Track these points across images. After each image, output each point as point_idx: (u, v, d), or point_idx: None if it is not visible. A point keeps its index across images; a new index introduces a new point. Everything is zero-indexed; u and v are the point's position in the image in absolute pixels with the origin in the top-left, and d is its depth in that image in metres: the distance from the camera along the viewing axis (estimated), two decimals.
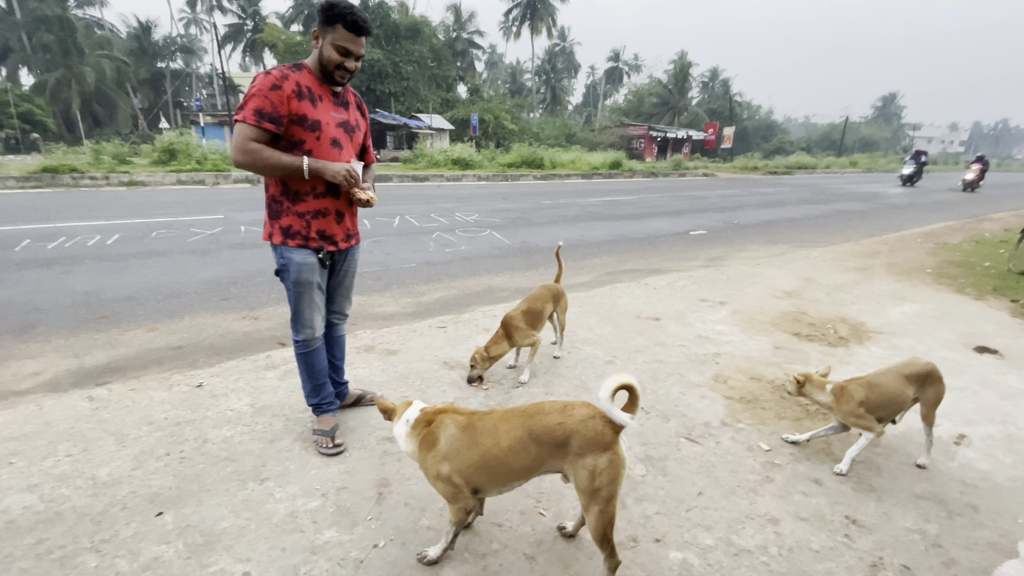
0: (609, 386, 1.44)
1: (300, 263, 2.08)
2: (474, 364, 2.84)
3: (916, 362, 2.34)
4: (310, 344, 2.24)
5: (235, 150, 1.88)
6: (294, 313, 2.18)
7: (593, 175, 19.96)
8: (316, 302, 2.18)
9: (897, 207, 13.59)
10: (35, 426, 2.36)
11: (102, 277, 4.76)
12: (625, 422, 1.46)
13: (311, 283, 2.12)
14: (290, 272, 2.09)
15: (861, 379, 2.31)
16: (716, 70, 53.48)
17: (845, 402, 2.24)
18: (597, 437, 1.47)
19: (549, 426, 1.51)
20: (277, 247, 2.09)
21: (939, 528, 1.95)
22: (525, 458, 1.53)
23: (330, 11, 1.89)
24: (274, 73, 1.89)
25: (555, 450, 1.51)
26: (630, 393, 1.48)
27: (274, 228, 2.08)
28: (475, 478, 1.58)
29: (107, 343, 3.41)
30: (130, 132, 35.78)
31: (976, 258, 6.82)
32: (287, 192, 2.04)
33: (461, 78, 37.88)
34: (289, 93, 1.89)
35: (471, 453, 1.56)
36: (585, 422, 1.49)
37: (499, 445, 1.54)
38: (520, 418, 1.56)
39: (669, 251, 6.96)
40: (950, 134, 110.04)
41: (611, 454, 1.46)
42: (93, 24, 39.26)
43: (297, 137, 1.95)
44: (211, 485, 2.00)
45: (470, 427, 1.60)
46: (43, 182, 11.45)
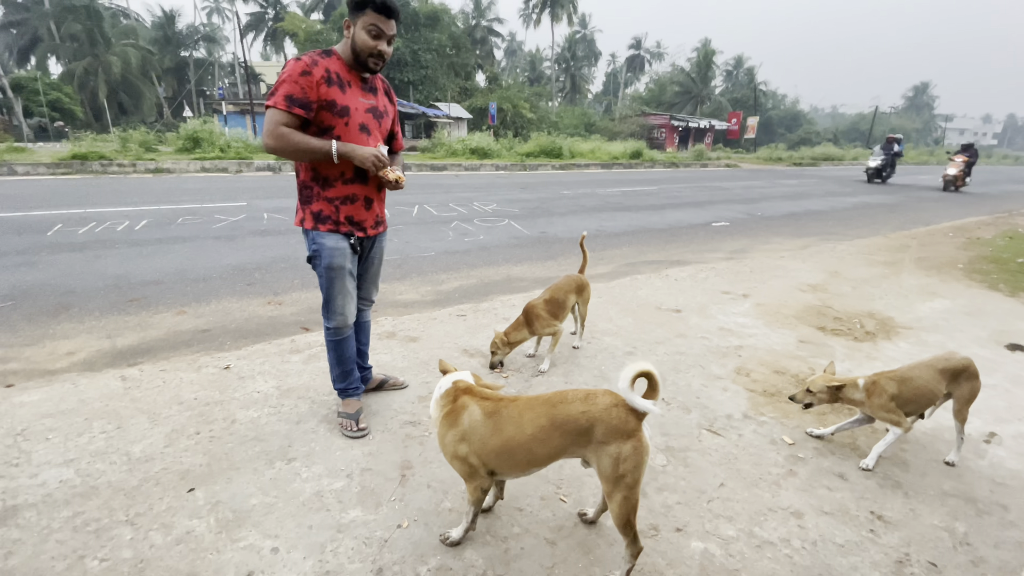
0: (628, 374, 1.44)
1: (332, 248, 2.09)
2: (495, 350, 2.86)
3: (952, 357, 2.29)
4: (342, 332, 2.26)
5: (266, 134, 1.91)
6: (326, 300, 2.19)
7: (613, 165, 19.73)
8: (348, 289, 2.19)
9: (927, 200, 13.19)
10: (71, 403, 2.45)
11: (131, 261, 4.88)
12: (648, 408, 1.46)
13: (343, 268, 2.13)
14: (322, 257, 2.10)
15: (893, 373, 2.26)
16: (741, 58, 52.24)
17: (877, 396, 2.20)
18: (621, 425, 1.47)
19: (572, 415, 1.52)
20: (309, 232, 2.11)
21: (967, 526, 1.92)
22: (547, 446, 1.54)
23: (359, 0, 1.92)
24: (304, 59, 1.91)
25: (578, 438, 1.52)
26: (649, 380, 1.48)
27: (305, 213, 2.10)
28: (494, 462, 1.59)
29: (137, 325, 3.51)
30: (155, 120, 36.44)
31: (1009, 254, 6.61)
32: (317, 178, 2.06)
33: (480, 66, 37.64)
34: (319, 79, 1.91)
35: (494, 439, 1.57)
36: (608, 410, 1.49)
37: (523, 433, 1.55)
38: (544, 407, 1.57)
39: (690, 242, 6.88)
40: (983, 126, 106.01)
41: (635, 441, 1.47)
42: (119, 13, 39.86)
43: (326, 123, 1.97)
44: (240, 463, 2.06)
45: (495, 414, 1.60)
46: (73, 168, 11.74)
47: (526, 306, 2.95)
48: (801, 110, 58.14)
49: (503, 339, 2.86)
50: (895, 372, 2.27)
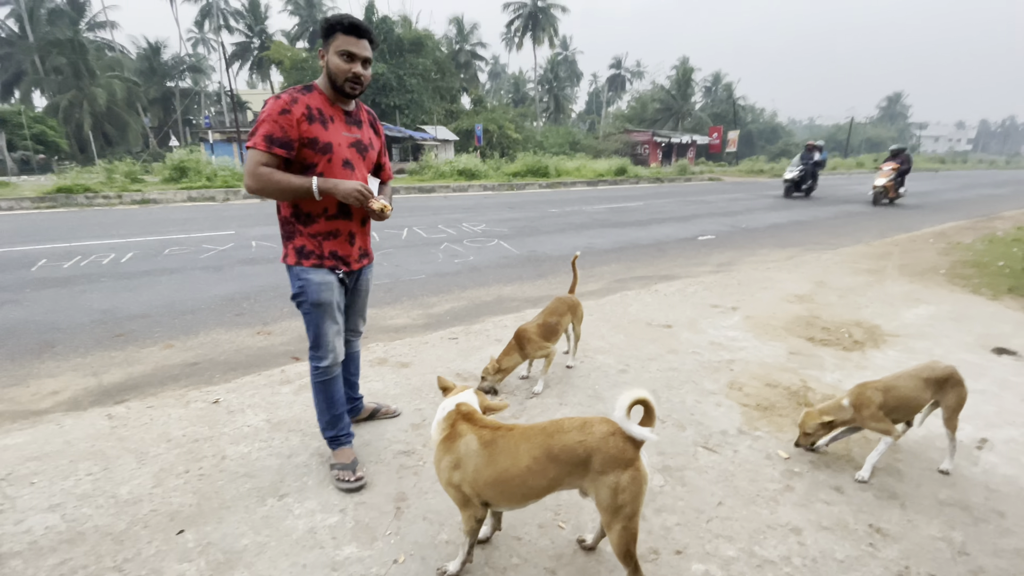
0: (624, 402, 1.42)
1: (319, 283, 2.04)
2: (485, 376, 2.85)
3: (936, 366, 2.32)
4: (331, 371, 2.18)
5: (247, 175, 1.88)
6: (315, 338, 2.12)
7: (598, 182, 19.98)
8: (338, 323, 2.14)
9: (907, 208, 13.48)
10: (56, 445, 2.39)
11: (118, 295, 4.82)
12: (645, 437, 1.44)
13: (331, 303, 2.08)
14: (308, 294, 2.05)
15: (877, 383, 2.29)
16: (719, 75, 53.59)
17: (865, 408, 2.22)
18: (619, 454, 1.45)
19: (569, 444, 1.49)
20: (293, 268, 2.06)
21: (965, 535, 1.92)
22: (543, 478, 1.51)
23: (326, 24, 1.92)
24: (283, 97, 1.89)
25: (575, 468, 1.49)
26: (645, 407, 1.46)
27: (288, 249, 2.06)
28: (488, 493, 1.57)
29: (124, 360, 3.45)
30: (141, 151, 36.38)
31: (989, 257, 6.74)
32: (299, 214, 2.02)
33: (465, 89, 38.18)
34: (299, 117, 1.88)
35: (488, 470, 1.54)
36: (606, 439, 1.46)
37: (517, 465, 1.52)
38: (540, 436, 1.53)
39: (678, 257, 6.95)
40: (957, 132, 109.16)
41: (633, 470, 1.45)
42: (104, 46, 40.06)
43: (309, 160, 1.95)
44: (231, 502, 2.01)
45: (491, 444, 1.57)
46: (58, 202, 11.65)
47: (517, 330, 2.95)
48: (780, 123, 59.56)
49: (495, 366, 2.85)
50: (879, 382, 2.29)
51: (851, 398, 2.25)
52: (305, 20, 42.76)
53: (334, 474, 2.15)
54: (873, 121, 70.19)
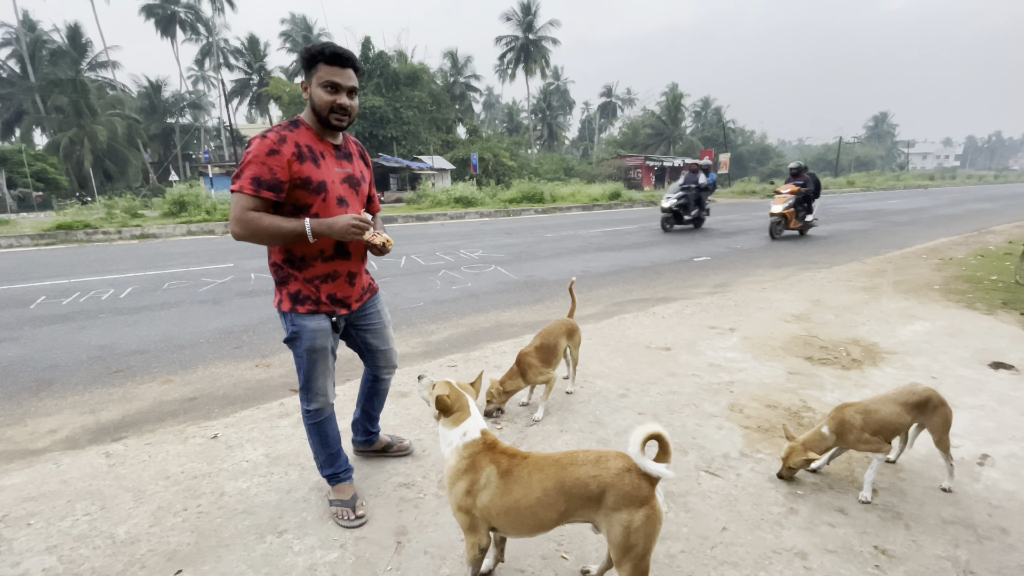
0: (637, 438, 1.39)
1: (314, 330, 1.95)
2: (491, 399, 2.85)
3: (914, 389, 2.32)
4: (323, 412, 2.10)
5: (233, 221, 1.75)
6: (305, 382, 2.03)
7: (593, 206, 20.23)
8: (330, 368, 2.06)
9: (899, 224, 13.64)
10: (53, 485, 2.37)
11: (116, 331, 4.83)
12: (661, 473, 1.40)
13: (325, 349, 1.99)
14: (303, 340, 1.95)
15: (856, 405, 2.29)
16: (708, 99, 54.90)
17: (848, 432, 2.22)
18: (633, 491, 1.40)
19: (582, 479, 1.45)
20: (287, 315, 1.96)
21: (970, 554, 1.90)
22: (553, 511, 1.48)
23: (307, 54, 1.81)
24: (270, 136, 1.77)
25: (587, 503, 1.46)
26: (659, 443, 1.42)
27: (282, 294, 1.95)
28: (498, 521, 1.55)
29: (122, 397, 3.44)
30: (141, 186, 36.83)
31: (983, 272, 6.81)
32: (291, 259, 1.90)
33: (460, 120, 38.97)
34: (289, 157, 1.77)
35: (501, 500, 1.52)
36: (620, 475, 1.42)
37: (529, 496, 1.49)
38: (553, 468, 1.51)
39: (674, 279, 7.00)
40: (944, 149, 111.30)
41: (648, 509, 1.40)
42: (106, 85, 40.99)
43: (303, 201, 1.84)
44: (229, 539, 1.99)
45: (508, 473, 1.54)
46: (57, 239, 11.73)
47: (519, 355, 2.96)
48: (770, 144, 60.70)
49: (499, 388, 2.86)
50: (857, 405, 2.29)
51: (831, 424, 2.25)
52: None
53: (333, 511, 2.11)
54: (861, 141, 71.52)
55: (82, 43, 38.82)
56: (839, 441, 2.24)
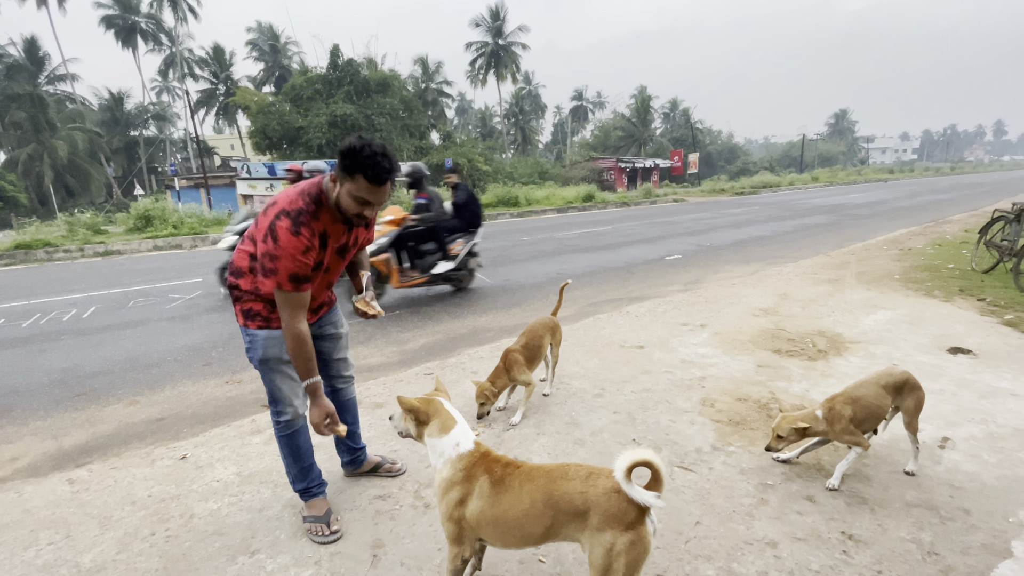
0: (623, 464, 1.31)
1: (265, 338, 1.93)
2: (484, 401, 2.83)
3: (892, 372, 2.41)
4: (293, 424, 2.06)
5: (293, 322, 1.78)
6: (270, 393, 2.02)
7: (568, 209, 20.38)
8: (292, 377, 2.02)
9: (861, 217, 14.10)
10: (15, 515, 2.28)
11: (79, 352, 4.66)
12: (648, 502, 1.32)
13: (280, 358, 1.97)
14: (256, 350, 1.95)
15: (843, 395, 2.35)
16: (676, 101, 55.92)
17: (837, 422, 2.27)
18: (619, 514, 1.34)
19: (569, 493, 1.41)
20: (242, 327, 1.99)
21: (933, 535, 1.98)
22: (539, 524, 1.45)
23: (351, 158, 1.66)
24: (303, 234, 1.73)
25: (573, 520, 1.41)
26: (651, 470, 1.34)
27: (236, 309, 1.98)
28: (485, 531, 1.54)
29: (86, 421, 3.32)
30: (104, 201, 35.63)
31: (940, 261, 7.10)
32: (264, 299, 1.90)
33: (433, 126, 38.82)
34: (316, 255, 1.80)
35: (491, 510, 1.50)
36: (608, 495, 1.36)
37: (517, 506, 1.47)
38: (543, 480, 1.48)
39: (647, 278, 7.10)
40: (902, 143, 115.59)
41: (633, 535, 1.33)
42: (65, 98, 39.63)
43: None
44: (199, 563, 1.94)
45: (500, 482, 1.52)
46: (16, 259, 11.27)
47: (505, 351, 2.98)
48: (737, 143, 62.14)
49: (491, 389, 2.84)
50: (845, 395, 2.35)
51: (824, 411, 2.30)
52: (271, 65, 43.22)
53: (307, 527, 2.07)
54: (823, 137, 73.83)
55: (39, 56, 37.46)
56: (828, 428, 2.29)
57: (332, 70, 29.45)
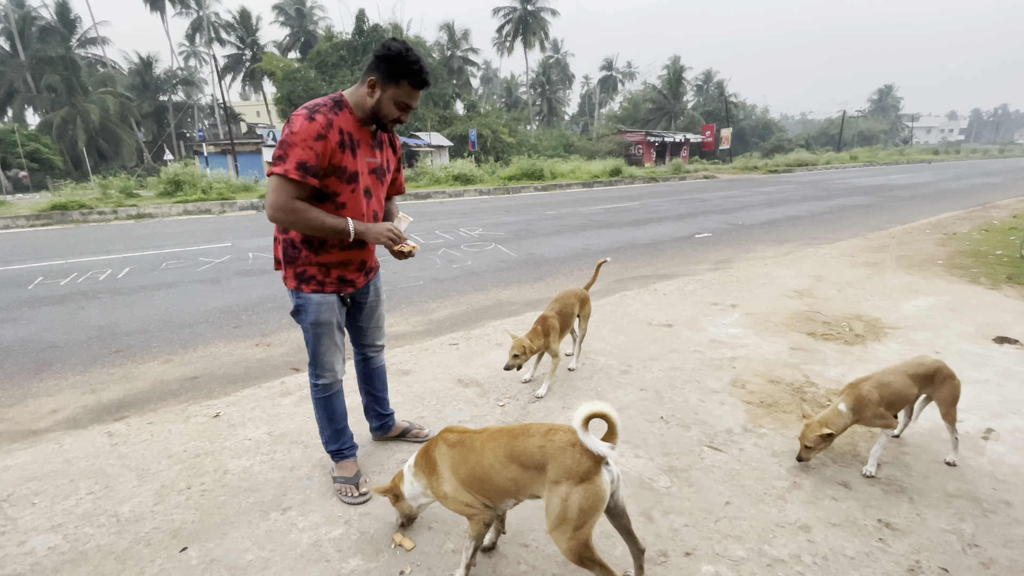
0: (580, 413, 1.37)
1: (319, 303, 1.95)
2: (519, 353, 2.77)
3: (923, 361, 2.31)
4: (330, 388, 2.11)
5: (275, 207, 1.70)
6: (313, 356, 2.05)
7: (593, 183, 20.02)
8: (337, 343, 2.06)
9: (902, 199, 13.52)
10: (56, 465, 2.37)
11: (115, 311, 4.80)
12: (603, 452, 1.39)
13: (331, 323, 2.00)
14: (308, 313, 1.96)
15: (870, 379, 2.27)
16: (710, 72, 53.82)
17: (864, 408, 2.19)
18: (574, 466, 1.41)
19: (529, 449, 1.49)
20: (292, 290, 1.97)
21: (975, 527, 1.91)
22: (506, 477, 1.52)
23: (397, 65, 1.71)
24: (318, 119, 1.69)
25: (537, 474, 1.48)
26: (607, 422, 1.41)
27: (288, 272, 1.94)
28: (473, 490, 1.59)
29: (123, 377, 3.43)
30: (135, 165, 36.38)
31: (987, 247, 6.76)
32: (310, 241, 1.88)
33: (458, 95, 38.28)
34: (334, 145, 1.74)
35: (461, 469, 1.60)
36: (564, 449, 1.43)
37: (482, 463, 1.56)
38: (506, 437, 1.56)
39: (675, 256, 6.95)
40: (949, 123, 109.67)
41: (587, 485, 1.40)
42: (96, 62, 40.15)
43: (331, 188, 1.81)
44: (233, 517, 1.99)
45: (459, 444, 1.63)
46: (53, 219, 11.63)
47: (542, 317, 2.96)
48: (772, 119, 59.80)
49: (529, 345, 2.79)
50: (872, 379, 2.26)
51: (848, 401, 2.21)
52: (296, 31, 42.91)
53: (336, 487, 2.12)
54: (865, 114, 70.44)
55: (71, 19, 37.93)
56: (856, 416, 2.21)
57: (358, 36, 29.10)
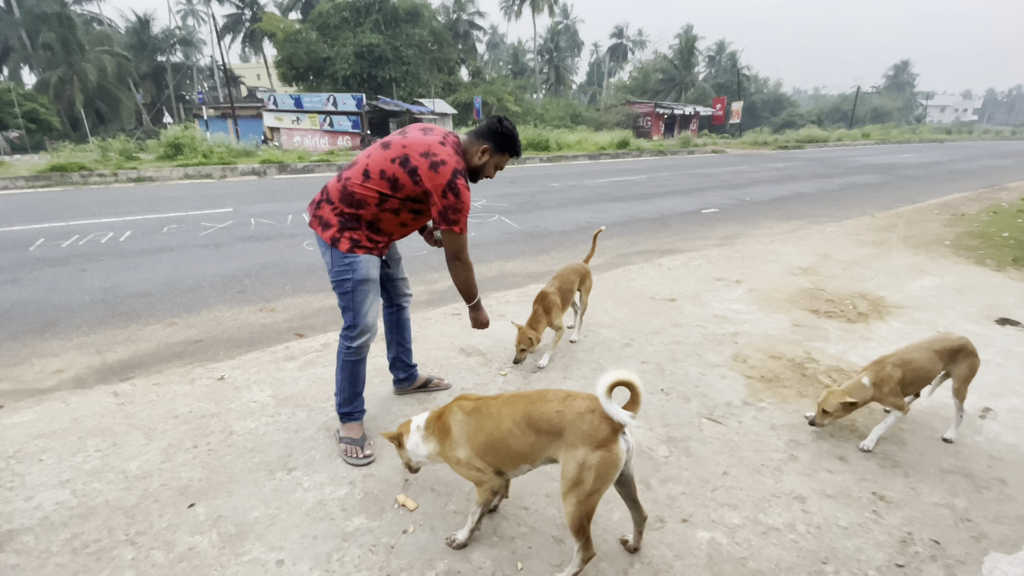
0: (605, 381, 1.38)
1: (367, 261, 2.08)
2: (525, 347, 2.79)
3: (948, 337, 2.32)
4: (362, 351, 2.19)
5: (461, 257, 2.14)
6: (355, 316, 2.11)
7: (600, 155, 19.71)
8: (378, 300, 2.23)
9: (912, 179, 13.32)
10: (63, 423, 2.41)
11: (118, 273, 4.80)
12: (624, 420, 1.40)
13: (376, 280, 2.15)
14: (357, 271, 2.06)
15: (894, 357, 2.27)
16: (723, 43, 52.34)
17: (885, 385, 2.20)
18: (592, 432, 1.42)
19: (547, 414, 1.51)
20: (342, 253, 2.06)
21: (968, 502, 1.94)
22: (523, 442, 1.53)
23: (509, 143, 2.13)
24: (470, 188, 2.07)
25: (553, 439, 1.49)
26: (631, 390, 1.41)
27: (342, 236, 2.04)
28: (488, 458, 1.60)
29: (127, 339, 3.45)
30: (134, 128, 35.80)
31: (995, 228, 6.69)
32: (373, 224, 2.07)
33: (463, 61, 37.36)
34: None
35: (478, 436, 1.60)
36: (583, 415, 1.45)
37: (499, 428, 1.57)
38: (523, 403, 1.57)
39: (681, 230, 6.89)
40: (963, 102, 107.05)
41: (604, 452, 1.41)
42: (92, 20, 39.08)
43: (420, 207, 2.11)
44: (240, 476, 2.03)
45: (476, 411, 1.64)
46: (52, 181, 11.52)
47: (541, 294, 2.94)
48: (784, 93, 58.48)
49: (535, 335, 2.79)
50: (895, 356, 2.27)
51: (871, 376, 2.22)
52: None
53: (342, 447, 2.17)
54: (879, 91, 68.68)
55: None
56: (876, 392, 2.22)
57: None
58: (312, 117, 21.60)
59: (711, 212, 8.29)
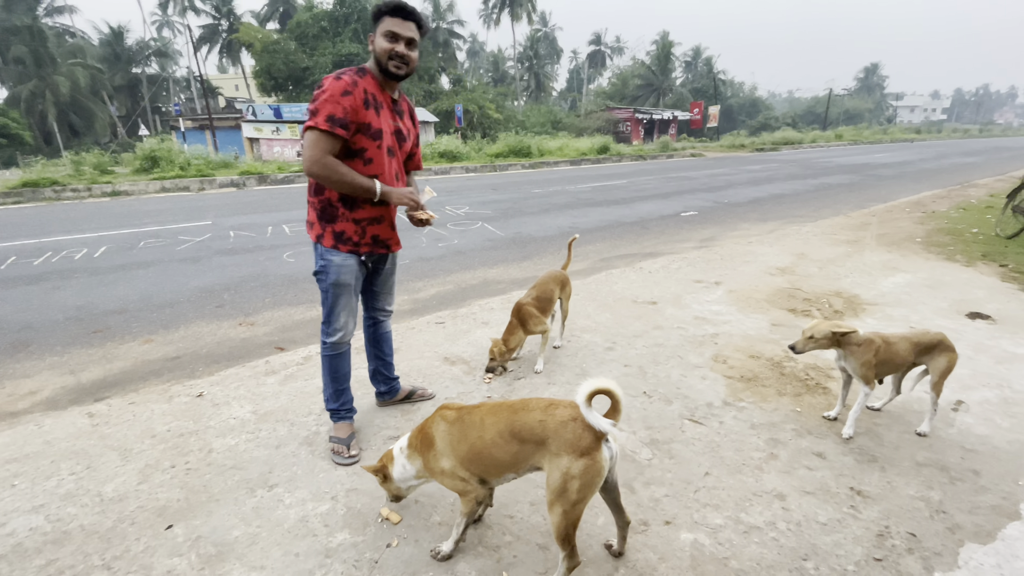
0: (584, 389, 1.38)
1: (340, 264, 2.09)
2: (493, 357, 2.81)
3: (928, 332, 2.41)
4: (339, 347, 2.24)
5: (310, 160, 1.88)
6: (328, 315, 2.18)
7: (581, 161, 19.87)
8: (352, 305, 2.21)
9: (884, 178, 13.67)
10: (36, 446, 2.34)
11: (92, 291, 4.69)
12: (604, 428, 1.40)
13: (349, 285, 2.15)
14: (329, 273, 2.10)
15: (883, 333, 2.37)
16: (699, 49, 53.31)
17: (866, 350, 2.27)
18: (575, 440, 1.42)
19: (529, 423, 1.51)
20: (320, 247, 2.10)
21: (942, 494, 1.99)
22: (507, 452, 1.54)
23: (375, 10, 1.98)
24: (345, 79, 1.89)
25: (537, 447, 1.50)
26: (610, 399, 1.42)
27: (326, 231, 2.06)
28: (472, 468, 1.60)
29: (102, 357, 3.37)
30: (109, 141, 35.11)
31: (964, 225, 6.90)
32: (345, 198, 2.04)
33: (443, 69, 37.45)
34: (360, 101, 1.90)
35: (462, 445, 1.60)
36: (565, 424, 1.45)
37: (483, 438, 1.57)
38: (506, 412, 1.57)
39: (661, 234, 6.97)
40: (932, 102, 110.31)
41: (588, 460, 1.41)
42: (64, 32, 38.34)
43: (359, 144, 1.97)
44: (219, 495, 2.00)
45: (459, 420, 1.64)
46: (24, 197, 11.24)
47: (517, 306, 2.93)
48: (759, 96, 59.64)
49: (502, 348, 2.81)
50: (883, 334, 2.37)
51: (862, 335, 2.30)
52: (275, 1, 41.34)
53: (330, 447, 2.23)
54: (851, 93, 70.46)
55: None
56: (856, 350, 2.28)
57: (339, 6, 28.16)
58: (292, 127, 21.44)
59: (690, 215, 8.41)
